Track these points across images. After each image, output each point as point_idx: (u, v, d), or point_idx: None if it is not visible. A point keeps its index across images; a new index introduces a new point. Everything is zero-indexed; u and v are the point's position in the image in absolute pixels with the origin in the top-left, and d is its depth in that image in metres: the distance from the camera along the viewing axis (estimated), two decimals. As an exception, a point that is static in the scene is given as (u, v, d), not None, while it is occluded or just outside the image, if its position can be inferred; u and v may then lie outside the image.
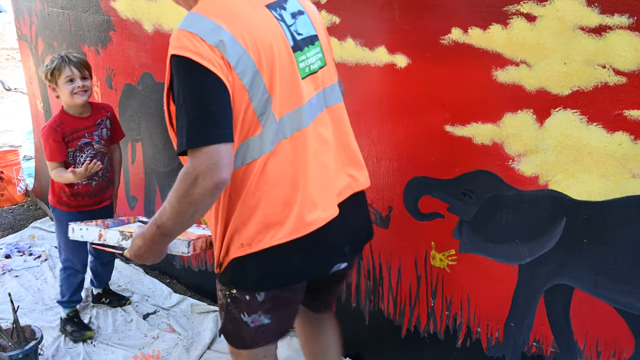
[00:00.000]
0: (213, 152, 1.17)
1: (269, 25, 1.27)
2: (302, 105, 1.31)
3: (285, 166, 1.29)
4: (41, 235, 3.73)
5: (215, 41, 1.17)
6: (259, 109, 1.24)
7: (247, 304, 1.40)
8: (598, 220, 1.57)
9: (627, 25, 1.39)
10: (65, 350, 2.49)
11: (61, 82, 2.36)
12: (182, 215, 1.25)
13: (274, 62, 1.25)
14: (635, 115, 1.44)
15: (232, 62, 1.18)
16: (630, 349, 1.61)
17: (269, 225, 1.30)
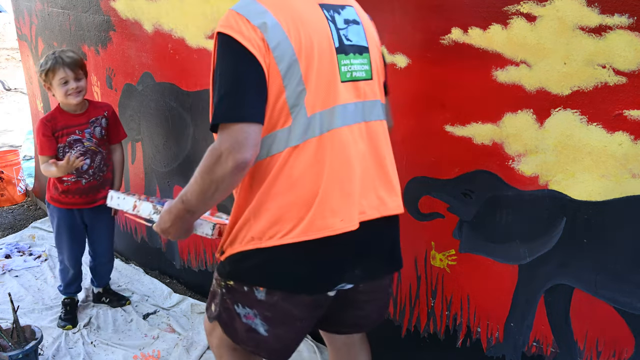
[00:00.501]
0: (239, 130, 1.16)
1: (317, 20, 1.27)
2: (336, 106, 1.28)
3: (309, 164, 1.25)
4: (41, 235, 3.73)
5: (259, 22, 1.19)
6: (292, 99, 1.23)
7: (244, 295, 1.35)
8: (598, 220, 1.57)
9: (627, 25, 1.39)
10: (65, 350, 2.49)
11: (55, 83, 2.38)
12: (204, 192, 1.24)
13: (313, 55, 1.24)
14: (635, 115, 1.44)
15: (271, 44, 1.19)
16: (630, 349, 1.61)
17: (282, 222, 1.26)
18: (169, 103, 2.75)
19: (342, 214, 1.28)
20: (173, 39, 2.57)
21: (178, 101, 2.69)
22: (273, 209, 1.26)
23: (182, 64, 2.59)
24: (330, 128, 1.27)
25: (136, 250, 3.31)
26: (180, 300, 2.88)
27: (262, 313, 1.34)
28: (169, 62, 2.65)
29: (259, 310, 1.35)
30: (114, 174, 2.64)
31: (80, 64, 2.41)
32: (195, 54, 2.50)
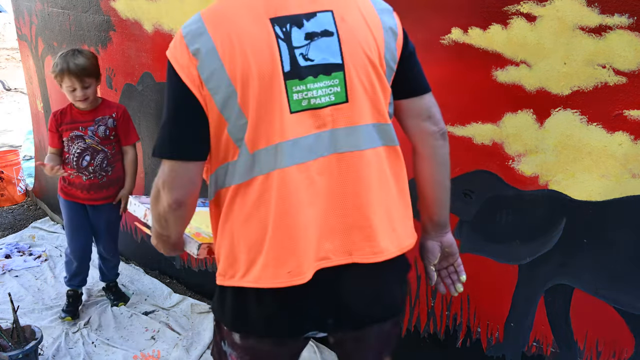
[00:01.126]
0: (170, 168, 1.11)
1: (260, 41, 1.07)
2: (281, 143, 1.09)
3: (254, 206, 1.12)
4: (41, 235, 3.73)
5: (194, 48, 1.07)
6: (235, 133, 1.10)
7: (226, 334, 1.25)
8: (598, 220, 1.57)
9: (627, 25, 1.39)
10: (65, 350, 2.49)
11: (63, 87, 2.42)
12: (157, 221, 1.21)
13: (251, 85, 1.06)
14: (635, 115, 1.44)
15: (203, 74, 1.06)
16: (630, 349, 1.61)
17: (237, 263, 1.15)
18: (169, 103, 2.74)
19: (290, 265, 1.12)
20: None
21: (178, 101, 2.69)
22: (229, 247, 1.16)
23: (182, 64, 2.58)
24: (276, 167, 1.10)
25: (136, 250, 3.31)
26: (180, 300, 2.88)
27: (242, 356, 1.25)
28: (169, 62, 2.65)
29: (238, 353, 1.25)
30: (125, 176, 2.65)
31: (88, 71, 2.39)
32: (195, 54, 2.50)
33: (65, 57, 2.36)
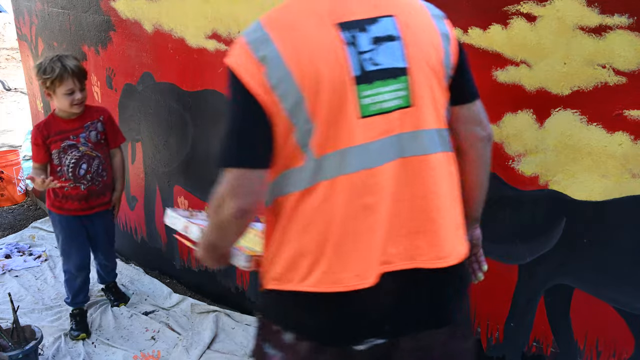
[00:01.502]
0: (237, 176, 1.08)
1: (328, 47, 1.08)
2: (349, 147, 1.10)
3: (319, 211, 1.12)
4: (41, 235, 3.73)
5: (260, 55, 1.06)
6: (302, 139, 1.09)
7: (273, 334, 1.24)
8: (598, 220, 1.57)
9: (627, 25, 1.39)
10: (65, 350, 2.49)
11: (60, 92, 2.32)
12: (215, 232, 1.19)
13: (322, 90, 1.07)
14: (635, 115, 1.44)
15: (272, 81, 1.06)
16: (630, 349, 1.61)
17: (297, 268, 1.15)
18: (169, 103, 2.75)
19: (356, 268, 1.12)
20: (173, 39, 2.57)
21: (178, 101, 2.69)
22: (288, 251, 1.16)
23: (182, 64, 2.59)
24: (343, 172, 1.10)
25: (136, 250, 3.31)
26: (180, 300, 2.88)
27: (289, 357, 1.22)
28: (169, 62, 2.65)
29: (286, 356, 1.22)
30: (115, 179, 2.61)
31: (85, 73, 2.38)
32: (195, 54, 2.50)
33: (60, 61, 2.29)
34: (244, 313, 2.71)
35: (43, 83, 2.32)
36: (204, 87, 2.54)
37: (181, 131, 2.73)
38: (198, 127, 2.64)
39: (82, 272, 2.62)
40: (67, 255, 2.59)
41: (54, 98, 2.36)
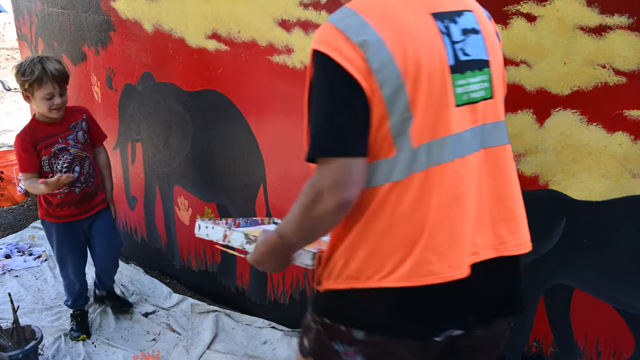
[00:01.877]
0: (341, 165, 1.02)
1: (427, 35, 1.08)
2: (447, 136, 1.09)
3: (413, 202, 1.09)
4: (41, 235, 3.73)
5: (359, 40, 1.03)
6: (396, 128, 1.06)
7: (342, 333, 1.19)
8: (598, 220, 1.57)
9: (627, 25, 1.39)
10: (65, 350, 2.49)
11: (39, 95, 2.23)
12: (303, 229, 1.12)
13: (422, 77, 1.06)
14: (635, 115, 1.44)
15: (373, 66, 1.02)
16: (630, 349, 1.61)
17: (381, 263, 1.11)
18: (169, 103, 2.75)
19: (451, 259, 1.11)
20: (173, 39, 2.58)
21: (178, 101, 2.69)
22: (371, 247, 1.12)
23: (182, 64, 2.59)
24: (439, 162, 1.09)
25: (136, 250, 3.31)
26: (180, 300, 2.88)
27: (364, 350, 1.18)
28: (169, 62, 2.65)
29: (359, 348, 1.18)
30: (103, 178, 2.56)
31: (66, 77, 2.30)
32: (195, 54, 2.50)
33: (41, 63, 2.20)
34: (244, 313, 2.71)
35: (21, 85, 2.23)
36: (204, 87, 2.54)
37: (181, 131, 2.73)
38: (198, 127, 2.64)
39: (81, 277, 2.58)
40: (64, 263, 2.53)
41: (32, 101, 2.28)
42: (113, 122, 3.15)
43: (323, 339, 1.24)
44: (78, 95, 3.40)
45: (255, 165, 2.44)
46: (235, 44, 2.32)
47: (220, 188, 2.65)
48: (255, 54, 2.26)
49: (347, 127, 1.04)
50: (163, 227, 3.08)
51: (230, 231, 1.41)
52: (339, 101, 1.04)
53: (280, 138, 2.31)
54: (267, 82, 2.27)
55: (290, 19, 2.09)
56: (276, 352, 2.42)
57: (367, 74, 1.03)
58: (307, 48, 2.07)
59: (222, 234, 1.43)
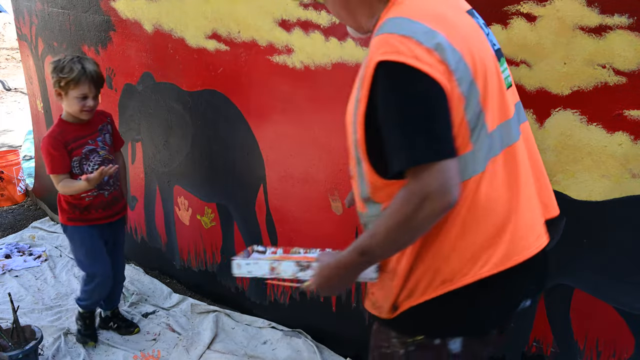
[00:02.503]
0: (444, 168, 1.02)
1: (474, 31, 1.16)
2: (509, 119, 1.18)
3: (499, 187, 1.13)
4: (41, 235, 3.73)
5: (433, 44, 1.04)
6: (472, 122, 1.09)
7: (436, 350, 1.19)
8: (598, 220, 1.57)
9: (627, 25, 1.39)
10: (65, 350, 2.49)
11: (73, 94, 2.19)
12: (397, 241, 1.09)
13: (486, 70, 1.12)
14: (635, 115, 1.44)
15: (451, 66, 1.05)
16: (630, 349, 1.61)
17: (477, 255, 1.13)
18: (169, 103, 2.75)
19: (537, 229, 1.20)
20: (173, 39, 2.58)
21: (178, 101, 2.69)
22: (466, 244, 1.13)
23: (182, 64, 2.59)
24: (509, 143, 1.17)
25: (136, 250, 3.31)
26: (180, 300, 2.88)
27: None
28: (169, 62, 2.65)
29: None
30: (122, 183, 2.49)
31: (102, 81, 2.27)
32: (195, 54, 2.50)
33: (80, 63, 2.17)
34: (244, 313, 2.71)
35: (57, 81, 2.18)
36: (204, 87, 2.54)
37: (181, 131, 2.73)
38: (198, 127, 2.64)
39: (109, 279, 2.45)
40: (95, 263, 2.39)
41: (63, 99, 2.23)
42: (113, 122, 3.15)
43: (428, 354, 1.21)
44: (78, 95, 3.39)
45: (255, 165, 2.44)
46: (235, 44, 2.32)
47: (220, 188, 2.65)
48: (255, 54, 2.26)
49: (441, 130, 1.04)
50: (163, 227, 3.08)
51: (277, 263, 1.33)
52: (428, 108, 1.04)
53: (280, 138, 2.31)
54: (267, 82, 2.27)
55: (290, 19, 2.09)
56: (276, 352, 2.42)
57: (449, 75, 1.05)
58: (307, 48, 2.07)
59: (268, 268, 1.34)
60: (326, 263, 1.21)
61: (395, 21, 1.09)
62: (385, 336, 1.26)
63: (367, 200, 1.21)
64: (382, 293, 1.24)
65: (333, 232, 2.23)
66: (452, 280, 1.13)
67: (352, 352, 2.36)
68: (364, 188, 1.20)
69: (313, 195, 2.26)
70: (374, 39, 1.09)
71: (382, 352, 1.27)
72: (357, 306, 2.27)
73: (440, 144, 1.03)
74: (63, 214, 2.37)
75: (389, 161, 1.07)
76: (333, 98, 2.06)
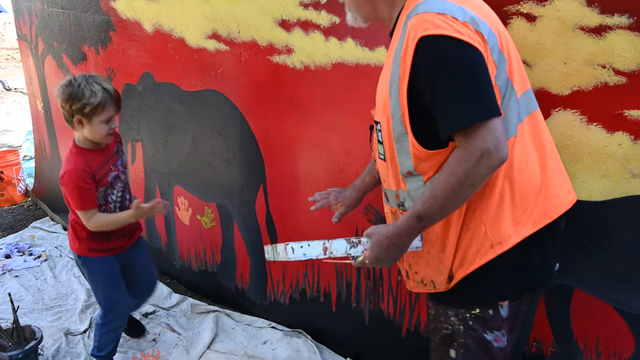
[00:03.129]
0: (495, 126, 1.11)
1: (491, 11, 1.27)
2: (529, 88, 1.30)
3: (529, 150, 1.24)
4: (41, 235, 3.73)
5: (467, 18, 1.15)
6: (502, 89, 1.20)
7: (491, 319, 1.28)
8: (598, 220, 1.57)
9: (627, 25, 1.39)
10: (65, 351, 2.49)
11: (99, 120, 1.94)
12: (456, 200, 1.17)
13: (508, 42, 1.23)
14: (635, 115, 1.44)
15: (485, 36, 1.16)
16: (630, 349, 1.61)
17: (518, 216, 1.23)
18: (169, 103, 2.75)
19: (566, 185, 1.33)
20: (173, 39, 2.58)
21: (178, 101, 2.69)
22: (507, 206, 1.22)
23: (182, 64, 2.59)
24: (531, 111, 1.28)
25: (136, 250, 3.31)
26: (180, 300, 2.88)
27: (507, 328, 1.30)
28: (169, 62, 2.65)
29: (505, 328, 1.30)
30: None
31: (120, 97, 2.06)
32: (195, 54, 2.50)
33: (97, 84, 1.94)
34: (244, 313, 2.71)
35: (79, 109, 1.92)
36: (204, 87, 2.54)
37: (181, 131, 2.73)
38: (198, 127, 2.64)
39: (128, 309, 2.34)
40: (117, 301, 2.21)
41: (84, 127, 1.96)
42: (113, 122, 3.15)
43: (476, 334, 1.30)
44: (78, 95, 3.39)
45: (255, 165, 2.44)
46: (235, 44, 2.32)
47: (220, 188, 2.65)
48: (255, 54, 2.26)
49: (487, 92, 1.12)
50: (163, 227, 3.08)
51: (329, 242, 1.37)
52: (473, 72, 1.12)
53: (280, 138, 2.31)
54: (267, 82, 2.27)
55: (290, 19, 2.09)
56: (276, 352, 2.42)
57: (484, 44, 1.15)
58: (307, 48, 2.07)
59: (321, 248, 1.37)
60: (383, 234, 1.26)
61: (427, 3, 1.18)
62: (444, 318, 1.34)
63: (408, 175, 1.27)
64: (431, 267, 1.33)
65: (333, 232, 2.23)
66: (500, 243, 1.22)
67: (352, 352, 2.36)
68: (406, 162, 1.26)
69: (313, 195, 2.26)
70: (412, 20, 1.17)
71: (443, 334, 1.35)
72: (357, 306, 2.27)
73: (490, 104, 1.11)
74: (81, 243, 2.12)
75: (442, 126, 1.15)
76: (333, 98, 2.06)
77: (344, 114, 2.04)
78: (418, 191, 1.27)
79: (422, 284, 1.38)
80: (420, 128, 1.20)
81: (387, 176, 1.36)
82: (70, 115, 1.95)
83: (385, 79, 1.26)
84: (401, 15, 1.26)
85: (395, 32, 1.27)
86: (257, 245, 2.59)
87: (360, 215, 2.10)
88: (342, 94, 2.03)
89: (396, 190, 1.34)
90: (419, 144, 1.21)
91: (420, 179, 1.26)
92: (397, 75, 1.19)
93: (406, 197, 1.32)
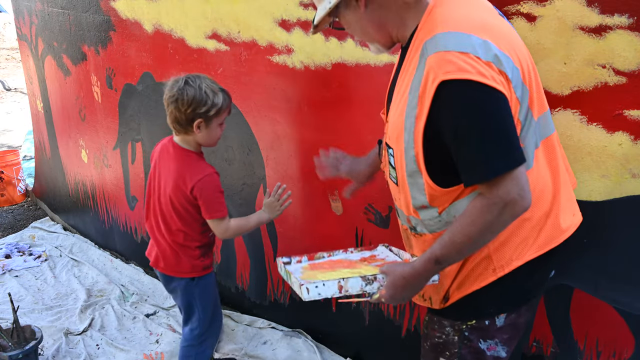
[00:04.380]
0: (519, 175, 1.09)
1: (512, 32, 1.22)
2: (547, 110, 1.27)
3: (544, 177, 1.24)
4: (41, 235, 3.73)
5: (491, 56, 1.08)
6: (522, 122, 1.17)
7: (486, 329, 1.30)
8: (598, 220, 1.57)
9: (627, 25, 1.39)
10: (65, 351, 2.49)
11: (218, 122, 1.83)
12: (476, 247, 1.18)
13: (529, 69, 1.18)
14: (635, 115, 1.44)
15: (509, 74, 1.10)
16: (630, 349, 1.61)
17: (524, 242, 1.24)
18: (169, 103, 2.75)
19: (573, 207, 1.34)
20: (173, 39, 2.58)
21: (178, 101, 2.69)
22: (515, 234, 1.23)
23: (182, 64, 2.59)
24: (547, 134, 1.26)
25: (136, 250, 3.31)
26: (180, 300, 2.88)
27: (502, 337, 1.31)
28: (169, 62, 2.65)
29: (499, 338, 1.31)
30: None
31: None
32: (195, 54, 2.50)
33: (216, 84, 1.82)
34: (244, 313, 2.71)
35: (205, 112, 1.78)
36: (204, 87, 2.54)
37: (181, 131, 2.73)
38: (198, 127, 2.64)
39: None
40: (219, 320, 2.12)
41: (202, 131, 1.83)
42: (113, 122, 3.15)
43: (471, 344, 1.32)
44: (78, 95, 3.40)
45: (255, 165, 2.44)
46: (235, 44, 2.32)
47: (220, 188, 2.65)
48: (255, 54, 2.26)
49: (512, 140, 1.09)
50: (163, 227, 3.07)
51: (344, 281, 1.33)
52: (498, 120, 1.08)
53: (280, 138, 2.31)
54: (267, 82, 2.27)
55: (290, 19, 2.09)
56: (276, 352, 2.42)
57: (508, 84, 1.10)
58: (307, 48, 2.07)
59: (336, 287, 1.33)
60: (399, 274, 1.25)
61: (448, 37, 1.10)
62: (438, 326, 1.35)
63: (421, 207, 1.26)
64: (432, 286, 1.33)
65: (333, 232, 2.23)
66: (502, 267, 1.24)
67: (352, 352, 2.36)
68: (420, 198, 1.24)
69: (313, 195, 2.26)
70: (431, 58, 1.10)
71: (434, 342, 1.36)
72: (357, 306, 2.27)
73: (515, 154, 1.09)
74: (195, 263, 1.95)
75: (466, 176, 1.12)
76: (333, 98, 2.06)
77: (344, 114, 2.04)
78: (432, 221, 1.26)
79: (422, 298, 1.39)
80: (437, 167, 1.18)
81: (399, 199, 1.34)
82: (189, 120, 1.80)
83: (402, 107, 1.20)
84: (416, 36, 1.20)
85: (410, 53, 1.21)
86: (257, 246, 2.59)
87: (361, 215, 2.10)
88: (342, 94, 2.03)
89: (407, 215, 1.33)
90: (434, 183, 1.19)
91: (435, 211, 1.24)
92: (414, 111, 1.15)
93: (418, 223, 1.30)
